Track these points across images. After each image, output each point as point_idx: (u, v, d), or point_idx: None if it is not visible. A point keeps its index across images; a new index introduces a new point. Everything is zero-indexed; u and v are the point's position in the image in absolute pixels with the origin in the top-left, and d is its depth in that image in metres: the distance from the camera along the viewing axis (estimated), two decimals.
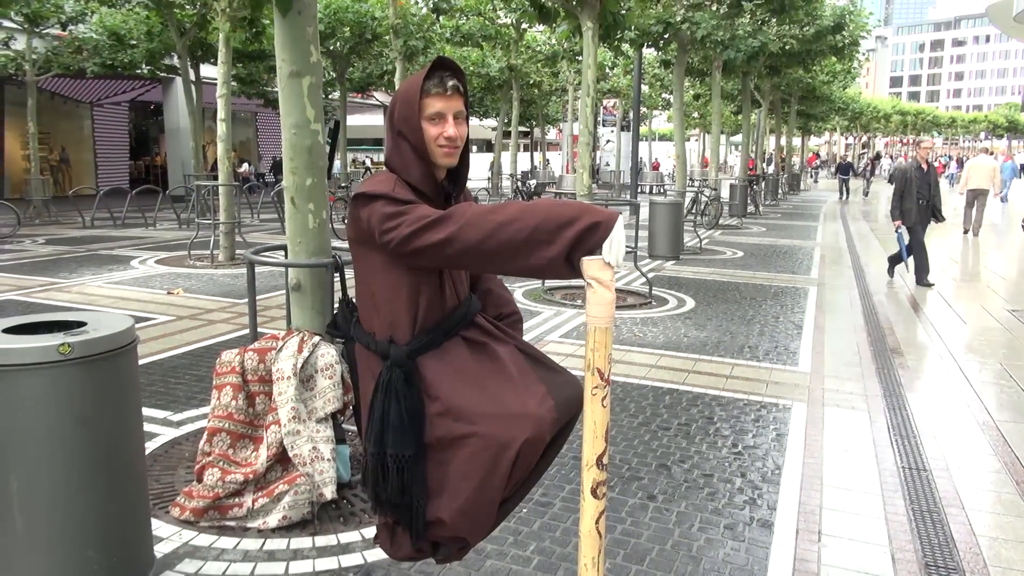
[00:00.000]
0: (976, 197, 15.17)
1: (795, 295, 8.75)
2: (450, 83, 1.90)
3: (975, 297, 9.04)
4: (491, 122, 34.17)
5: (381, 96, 29.38)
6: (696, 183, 19.02)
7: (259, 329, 3.77)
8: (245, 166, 24.69)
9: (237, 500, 3.20)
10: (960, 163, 35.86)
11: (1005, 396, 5.12)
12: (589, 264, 1.70)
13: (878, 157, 51.21)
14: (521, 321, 2.28)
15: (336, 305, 3.39)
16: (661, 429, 4.38)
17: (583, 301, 7.71)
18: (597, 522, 1.80)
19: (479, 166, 33.13)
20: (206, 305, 7.60)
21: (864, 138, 63.05)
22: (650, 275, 9.67)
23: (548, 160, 37.84)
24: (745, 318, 7.40)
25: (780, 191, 27.04)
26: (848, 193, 28.66)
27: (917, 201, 9.30)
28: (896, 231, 9.59)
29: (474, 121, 33.90)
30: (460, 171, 2.03)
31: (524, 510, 3.31)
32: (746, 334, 6.75)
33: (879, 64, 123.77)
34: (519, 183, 15.55)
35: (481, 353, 2.00)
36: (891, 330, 7.06)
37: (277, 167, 33.85)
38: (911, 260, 9.60)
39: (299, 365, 3.33)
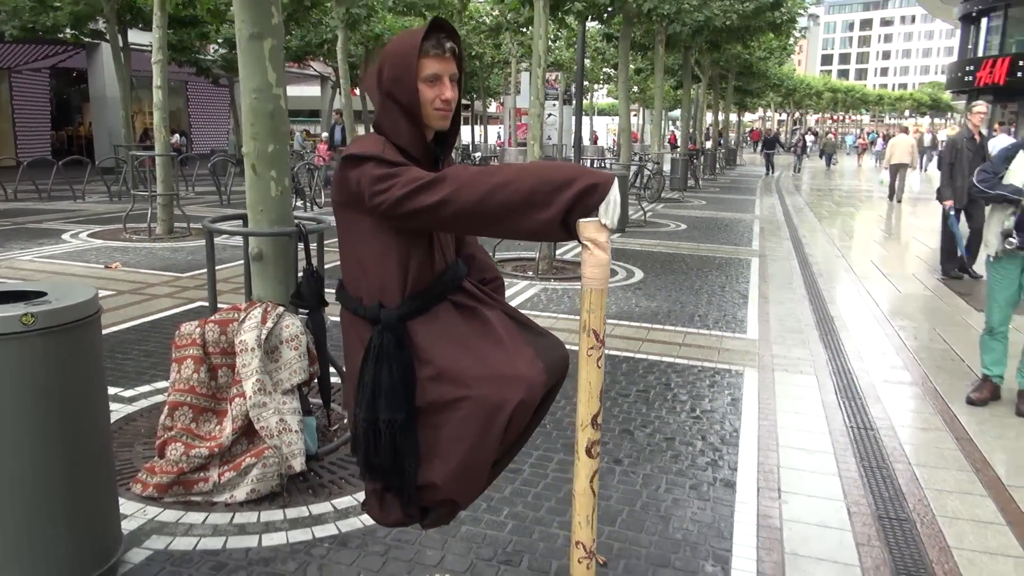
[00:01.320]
0: (898, 170, 16.80)
1: (739, 266, 8.96)
2: (447, 45, 1.87)
3: (906, 265, 9.42)
4: None
5: (319, 66, 28.66)
6: (639, 157, 19.20)
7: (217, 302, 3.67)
8: (177, 137, 23.82)
9: (202, 475, 3.13)
10: (886, 140, 37.07)
11: (939, 358, 5.37)
12: (586, 226, 1.71)
13: (813, 134, 52.65)
14: (503, 286, 2.28)
15: (300, 275, 3.36)
16: (621, 396, 4.46)
17: (535, 273, 7.80)
18: (592, 481, 1.83)
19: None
20: (147, 279, 7.35)
21: (796, 114, 64.58)
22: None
23: (496, 134, 37.65)
24: (693, 288, 7.56)
25: (718, 166, 27.54)
26: (773, 168, 28.51)
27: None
28: (948, 215, 8.03)
29: None
30: (449, 134, 2.00)
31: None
32: (695, 304, 6.90)
33: (811, 42, 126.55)
34: (465, 157, 15.39)
35: (470, 317, 1.99)
36: (831, 299, 7.31)
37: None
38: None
39: (264, 336, 3.26)
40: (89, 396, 2.40)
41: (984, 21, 32.69)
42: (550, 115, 32.51)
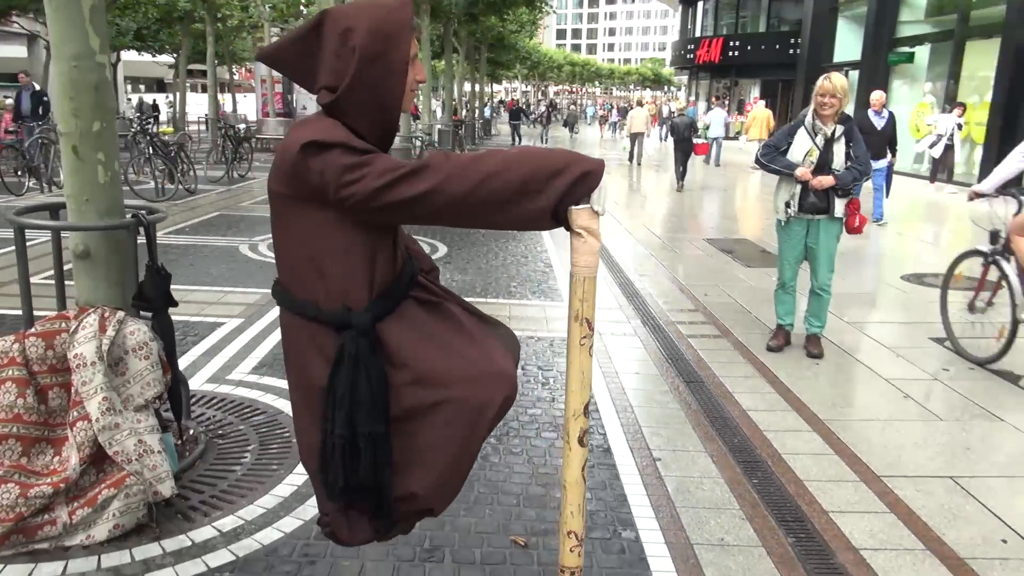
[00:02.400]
0: (636, 138, 19.51)
1: (529, 236, 9.29)
2: (416, 22, 1.70)
3: (674, 227, 10.37)
4: (167, 59, 30.76)
5: (26, 23, 24.76)
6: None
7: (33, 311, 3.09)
8: None
9: (48, 517, 2.64)
10: (622, 112, 40.23)
11: (731, 311, 6.01)
12: (578, 213, 1.67)
13: (553, 106, 55.59)
14: (439, 274, 2.16)
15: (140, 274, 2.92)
16: None
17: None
18: (583, 470, 1.82)
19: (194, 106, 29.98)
20: None
21: (543, 86, 67.94)
22: None
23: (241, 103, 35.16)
24: (498, 260, 7.71)
25: (476, 135, 28.18)
26: (520, 139, 28.72)
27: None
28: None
29: (146, 57, 30.19)
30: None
31: None
32: (507, 275, 7.06)
33: (548, 17, 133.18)
34: (226, 128, 14.20)
35: (436, 313, 1.86)
36: (623, 261, 7.85)
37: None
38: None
39: (105, 347, 2.81)
40: None
41: (700, 4, 36.54)
42: None
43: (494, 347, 1.86)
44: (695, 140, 16.25)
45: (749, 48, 30.76)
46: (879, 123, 10.03)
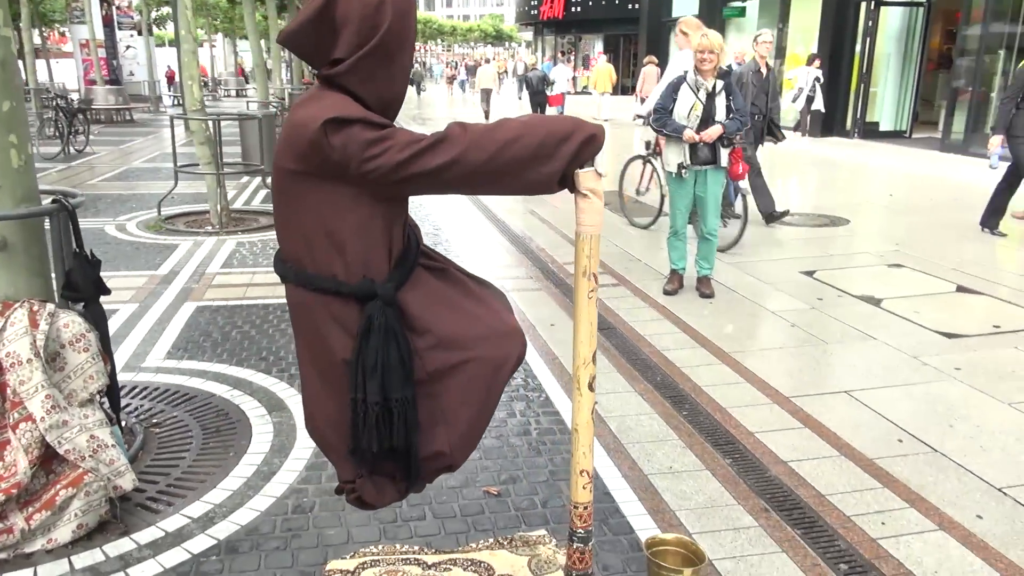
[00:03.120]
0: (486, 94, 21.15)
1: (427, 206, 9.26)
2: None
3: None
4: None
5: None
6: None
7: None
8: None
9: (2, 525, 2.49)
10: (470, 70, 40.16)
11: (624, 261, 6.35)
12: (584, 176, 1.79)
13: None
14: None
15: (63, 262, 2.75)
16: None
17: (216, 226, 7.15)
18: (592, 412, 1.97)
19: None
20: None
21: None
22: (263, 192, 9.28)
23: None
24: None
25: None
26: None
27: (753, 117, 7.04)
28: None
29: None
30: None
31: None
32: None
33: None
34: (57, 100, 12.89)
35: (445, 278, 1.93)
36: (496, 217, 8.03)
37: None
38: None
39: (40, 343, 2.64)
40: None
41: None
42: (129, 47, 28.80)
43: (500, 307, 1.96)
44: (548, 92, 17.53)
45: (591, 4, 31.50)
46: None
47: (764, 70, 7.32)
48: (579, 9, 32.24)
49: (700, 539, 2.57)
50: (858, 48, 14.89)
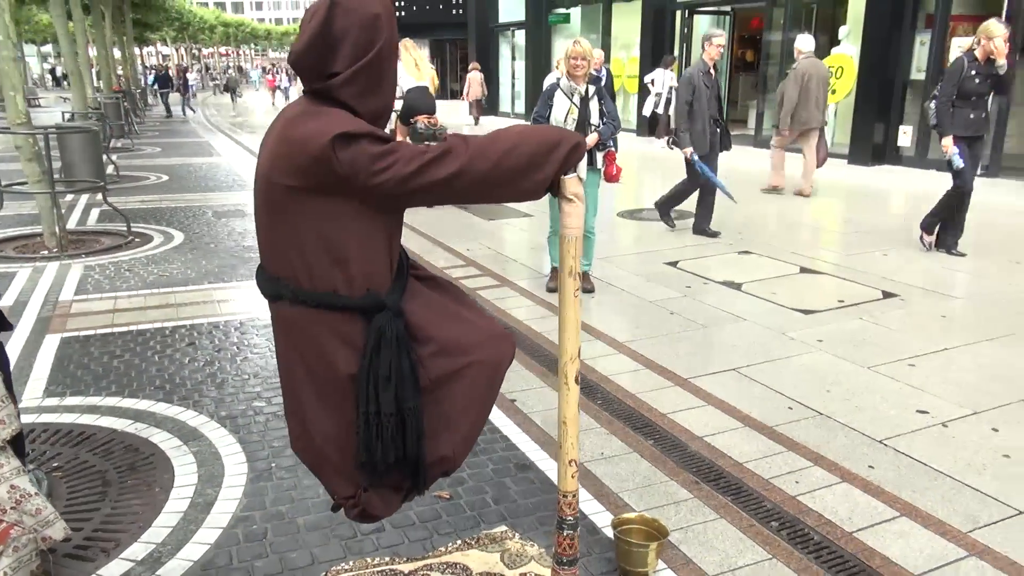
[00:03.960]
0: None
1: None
2: None
3: None
4: None
5: None
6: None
7: None
8: None
9: None
10: (293, 76, 38.85)
11: (500, 262, 6.51)
12: (569, 182, 1.90)
13: (206, 69, 51.77)
14: None
15: None
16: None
17: (52, 250, 6.55)
18: (577, 406, 2.08)
19: None
20: None
21: (194, 49, 62.50)
22: (95, 211, 8.60)
23: None
24: (244, 243, 7.31)
25: (137, 108, 25.41)
26: (169, 109, 26.37)
27: (711, 121, 7.00)
28: (693, 164, 7.06)
29: None
30: None
31: None
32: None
33: None
34: None
35: (436, 286, 1.97)
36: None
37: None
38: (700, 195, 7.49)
39: None
40: None
41: None
42: None
43: (483, 311, 2.03)
44: None
45: (415, 8, 31.52)
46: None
47: (712, 72, 7.02)
48: (404, 14, 32.14)
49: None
50: (676, 53, 16.01)
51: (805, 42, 9.51)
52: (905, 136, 11.71)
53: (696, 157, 7.00)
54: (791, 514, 2.82)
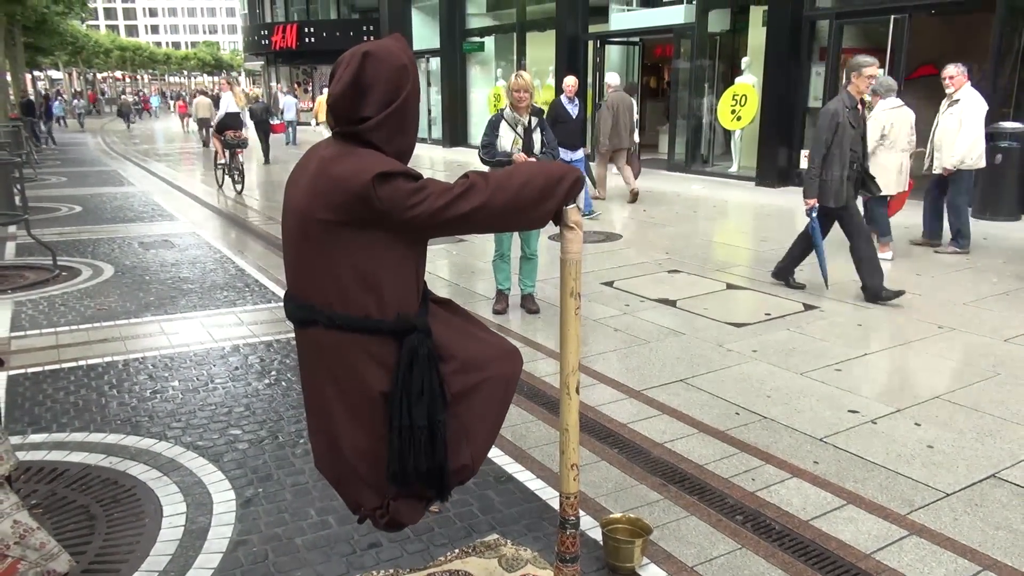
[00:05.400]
0: (203, 123, 21.36)
1: (191, 240, 8.79)
2: None
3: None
4: None
5: None
6: None
7: None
8: None
9: None
10: (184, 98, 37.88)
11: (445, 288, 6.67)
12: (571, 211, 2.12)
13: (102, 94, 49.84)
14: None
15: None
16: (284, 380, 4.42)
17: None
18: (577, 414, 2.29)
19: None
20: None
21: (88, 74, 59.94)
22: (10, 244, 8.28)
23: None
24: (182, 273, 7.21)
25: (40, 136, 24.25)
26: (37, 138, 24.04)
27: (851, 165, 5.81)
28: (810, 219, 6.01)
29: None
30: None
31: None
32: (200, 286, 6.73)
33: None
34: None
35: (449, 307, 2.15)
36: None
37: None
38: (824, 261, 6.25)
39: None
40: None
41: None
42: None
43: (491, 330, 2.22)
44: (272, 121, 20.08)
45: (324, 35, 31.39)
46: (573, 110, 9.51)
47: (860, 107, 5.89)
48: (313, 40, 31.97)
49: None
50: (590, 80, 16.62)
51: (613, 78, 11.21)
52: (805, 160, 12.55)
53: (815, 214, 5.94)
54: (752, 508, 3.10)
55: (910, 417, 3.93)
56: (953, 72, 7.37)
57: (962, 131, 7.30)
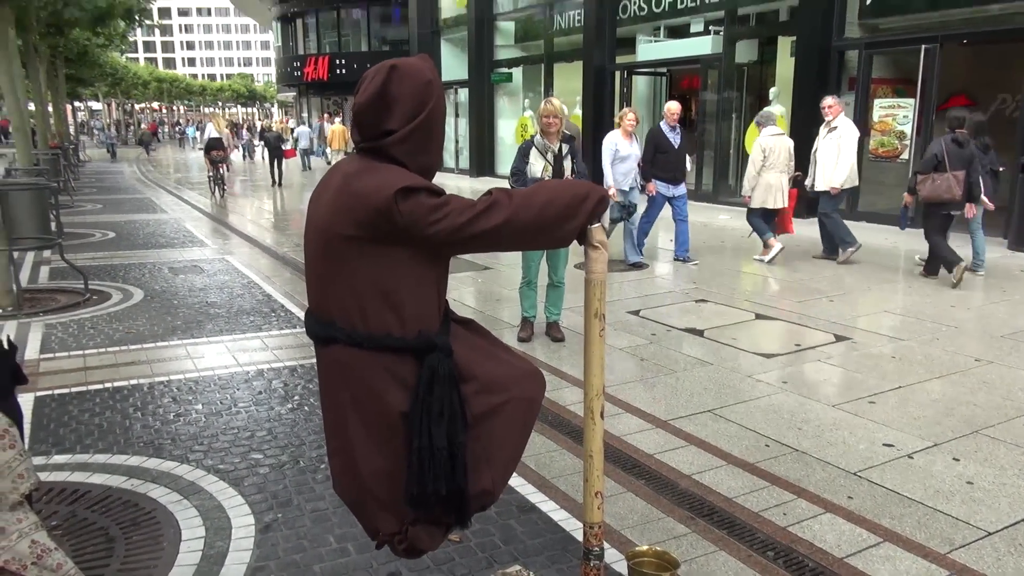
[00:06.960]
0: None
1: (220, 266, 8.88)
2: None
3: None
4: None
5: None
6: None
7: None
8: None
9: None
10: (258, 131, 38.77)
11: (471, 314, 6.64)
12: (595, 231, 2.08)
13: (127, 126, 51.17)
14: None
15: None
16: (307, 407, 4.40)
17: (7, 309, 6.40)
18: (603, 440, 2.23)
19: None
20: None
21: (126, 104, 61.56)
22: (45, 268, 8.41)
23: None
24: (212, 297, 7.27)
25: (75, 164, 24.85)
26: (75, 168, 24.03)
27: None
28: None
29: None
30: None
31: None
32: (227, 310, 6.77)
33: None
34: None
35: (471, 328, 2.11)
36: None
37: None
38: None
39: None
40: None
41: (299, 22, 36.74)
42: None
43: (513, 351, 2.17)
44: (284, 147, 21.60)
45: (355, 66, 31.95)
46: (675, 139, 8.46)
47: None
48: (344, 72, 32.57)
49: None
50: (616, 110, 16.66)
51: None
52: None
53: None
54: (784, 544, 2.99)
55: (948, 452, 3.80)
56: (831, 102, 8.54)
57: (842, 155, 8.38)
